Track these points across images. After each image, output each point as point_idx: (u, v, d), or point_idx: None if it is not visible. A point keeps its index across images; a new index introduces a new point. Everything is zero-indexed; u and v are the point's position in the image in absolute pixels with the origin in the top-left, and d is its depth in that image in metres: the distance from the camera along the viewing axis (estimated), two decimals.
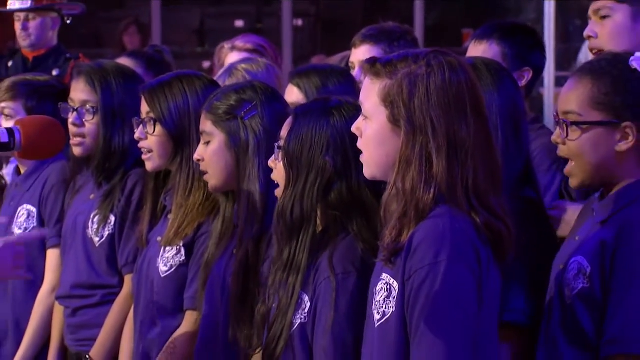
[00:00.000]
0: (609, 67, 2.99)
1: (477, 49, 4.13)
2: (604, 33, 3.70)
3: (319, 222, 3.02)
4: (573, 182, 3.02)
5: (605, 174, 2.98)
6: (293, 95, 3.82)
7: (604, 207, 2.99)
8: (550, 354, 2.97)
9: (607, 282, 2.87)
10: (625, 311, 2.85)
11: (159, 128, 3.76)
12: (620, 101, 2.94)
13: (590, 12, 3.75)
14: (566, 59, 10.54)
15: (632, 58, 2.95)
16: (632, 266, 2.85)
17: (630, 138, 2.93)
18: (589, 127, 2.94)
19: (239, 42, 5.10)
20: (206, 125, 3.51)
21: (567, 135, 2.95)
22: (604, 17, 3.71)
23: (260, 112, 3.46)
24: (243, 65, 4.43)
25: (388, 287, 2.73)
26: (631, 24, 3.69)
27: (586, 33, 3.77)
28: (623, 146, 2.94)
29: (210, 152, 3.50)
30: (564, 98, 3.01)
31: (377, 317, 2.75)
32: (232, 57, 5.00)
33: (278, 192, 3.12)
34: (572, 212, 3.30)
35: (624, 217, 2.91)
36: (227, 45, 5.13)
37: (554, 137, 3.02)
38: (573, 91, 2.99)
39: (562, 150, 3.00)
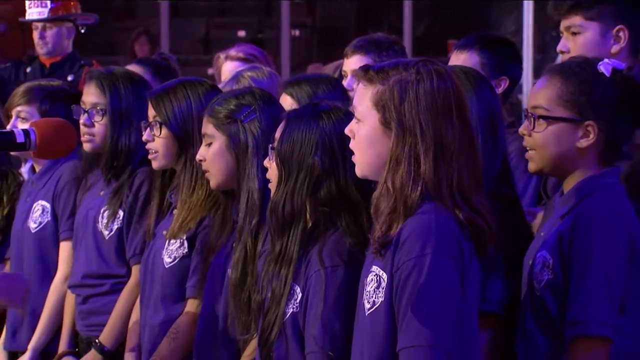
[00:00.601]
0: (578, 68, 3.02)
1: (459, 58, 4.14)
2: (575, 48, 3.70)
3: (309, 217, 3.01)
4: (531, 167, 3.06)
5: (563, 166, 3.01)
6: (286, 103, 3.82)
7: (563, 202, 3.01)
8: (528, 345, 2.98)
9: (567, 270, 2.89)
10: (583, 295, 2.86)
11: (164, 130, 3.76)
12: (584, 100, 2.96)
13: (562, 28, 3.75)
14: (543, 68, 10.49)
15: (600, 62, 2.98)
16: (586, 254, 2.87)
17: (591, 136, 2.96)
18: (554, 122, 2.98)
19: (232, 52, 5.10)
20: (208, 128, 3.51)
21: (534, 127, 2.99)
22: (575, 34, 3.71)
23: (258, 116, 3.45)
24: (249, 73, 4.42)
25: (378, 278, 2.73)
26: (600, 40, 3.68)
27: (559, 48, 3.77)
28: (584, 142, 2.97)
29: (212, 153, 3.49)
30: (534, 94, 3.04)
31: (367, 306, 2.75)
32: (226, 66, 5.01)
33: (272, 189, 3.11)
34: (541, 217, 3.31)
35: (578, 210, 2.93)
36: (222, 55, 5.13)
37: (521, 129, 3.05)
38: (543, 88, 3.02)
39: (527, 141, 3.03)
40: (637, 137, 3.32)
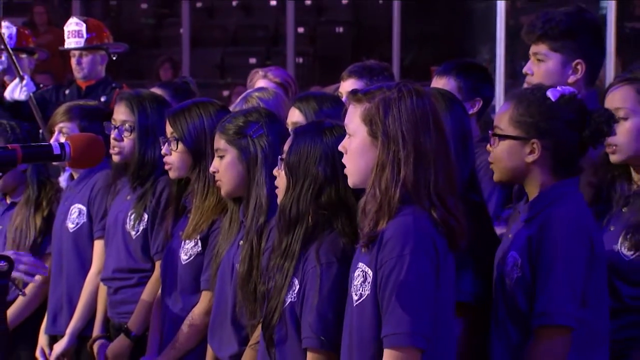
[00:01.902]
0: (530, 94, 3.04)
1: (439, 82, 4.12)
2: (538, 73, 3.69)
3: (310, 219, 2.99)
4: (494, 177, 3.09)
5: (517, 177, 3.03)
6: (295, 115, 3.80)
7: (528, 208, 3.00)
8: (501, 334, 2.97)
9: (534, 269, 2.88)
10: (548, 290, 2.86)
11: (180, 145, 3.75)
12: (530, 122, 2.97)
13: (530, 53, 3.73)
14: None
15: (549, 89, 2.97)
16: (551, 254, 2.87)
17: (537, 152, 2.97)
18: (506, 139, 2.99)
19: (270, 74, 5.03)
20: (220, 143, 3.49)
21: (493, 144, 3.01)
22: (540, 60, 3.69)
23: (265, 131, 3.44)
24: (257, 94, 4.40)
25: (364, 273, 2.73)
26: (561, 70, 3.66)
27: (524, 70, 3.75)
28: (530, 158, 2.98)
29: (225, 164, 3.47)
30: (497, 115, 3.06)
31: (355, 297, 2.76)
32: (260, 83, 4.93)
33: (279, 195, 3.10)
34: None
35: (544, 216, 2.92)
36: (261, 72, 5.04)
37: (488, 147, 3.06)
38: (503, 110, 3.04)
39: (490, 156, 3.04)
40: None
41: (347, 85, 4.41)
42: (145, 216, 4.10)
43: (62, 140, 3.18)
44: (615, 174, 3.25)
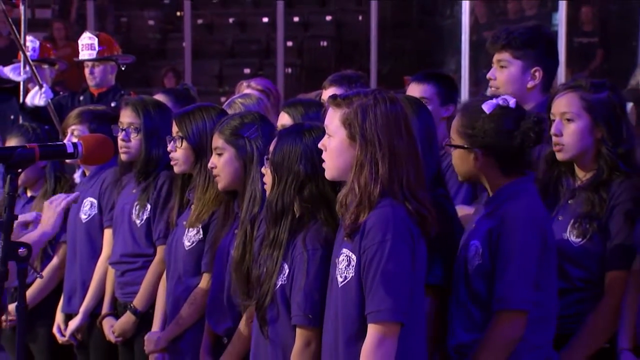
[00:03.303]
0: (470, 106, 3.04)
1: (417, 89, 4.06)
2: (501, 78, 3.69)
3: (296, 211, 2.97)
4: (459, 178, 3.08)
5: (472, 178, 3.03)
6: (284, 119, 3.78)
7: (488, 203, 2.99)
8: (462, 314, 2.96)
9: (494, 257, 2.87)
10: (506, 278, 2.85)
11: (184, 143, 3.72)
12: (470, 133, 2.97)
13: (494, 60, 3.72)
14: None
15: (485, 102, 2.96)
16: (509, 245, 2.86)
17: (479, 159, 2.97)
18: (455, 148, 3.00)
19: (253, 83, 5.03)
20: (218, 142, 3.47)
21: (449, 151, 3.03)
22: (502, 67, 3.69)
23: (260, 132, 3.42)
24: (240, 100, 4.40)
25: (348, 258, 2.72)
26: (521, 76, 3.66)
27: (488, 75, 3.74)
28: (476, 164, 2.98)
29: (223, 161, 3.45)
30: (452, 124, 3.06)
31: (340, 279, 2.75)
32: (246, 92, 4.92)
33: (267, 191, 3.08)
34: (460, 210, 3.33)
35: (502, 211, 2.92)
36: (245, 83, 5.05)
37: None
38: (454, 121, 3.05)
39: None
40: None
41: (328, 93, 4.36)
42: (148, 207, 4.08)
43: (74, 140, 3.15)
44: (562, 170, 3.25)
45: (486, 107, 2.94)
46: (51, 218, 3.11)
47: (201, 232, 3.66)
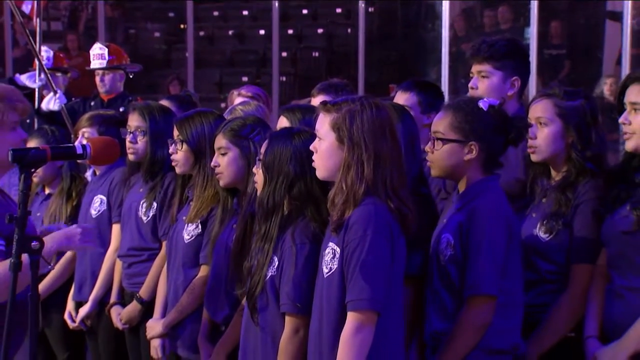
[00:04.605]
0: (465, 104, 3.01)
1: (402, 97, 4.03)
2: (482, 88, 3.67)
3: (285, 208, 2.96)
4: (433, 173, 3.05)
5: (455, 173, 2.99)
6: (283, 123, 3.76)
7: (459, 199, 2.99)
8: (436, 301, 2.96)
9: (465, 248, 2.86)
10: (477, 266, 2.85)
11: (185, 146, 3.71)
12: (468, 127, 2.94)
13: (475, 71, 3.70)
14: None
15: (480, 100, 2.95)
16: (479, 237, 2.86)
17: (474, 152, 2.95)
18: (447, 142, 2.95)
19: (243, 90, 5.04)
20: (222, 142, 3.45)
21: (434, 146, 2.96)
22: (484, 77, 3.67)
23: (262, 135, 3.40)
24: (240, 107, 4.39)
25: (333, 251, 2.72)
26: (501, 85, 3.65)
27: (470, 85, 3.72)
28: (468, 157, 2.96)
29: (227, 160, 3.44)
30: (435, 122, 3.03)
31: (325, 270, 2.74)
32: (237, 99, 4.95)
33: (258, 189, 3.07)
34: None
35: (472, 206, 2.91)
36: (235, 92, 5.07)
37: (427, 148, 3.03)
38: (441, 118, 3.01)
39: (429, 156, 3.01)
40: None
41: (317, 100, 4.37)
42: (155, 205, 4.07)
43: (84, 142, 3.14)
44: (538, 171, 3.25)
45: (482, 105, 2.94)
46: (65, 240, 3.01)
47: (200, 227, 3.64)
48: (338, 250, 2.69)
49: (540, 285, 3.13)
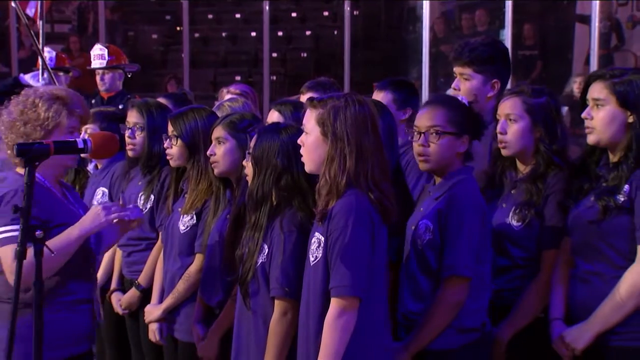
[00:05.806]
0: (455, 101, 3.02)
1: (378, 95, 4.05)
2: (464, 89, 3.65)
3: (274, 199, 2.97)
4: (424, 167, 3.03)
5: (445, 165, 2.99)
6: (274, 117, 3.76)
7: (437, 189, 2.99)
8: (411, 284, 2.96)
9: (443, 233, 2.87)
10: (454, 250, 2.86)
11: (179, 141, 3.70)
12: (463, 121, 2.95)
13: (457, 73, 3.69)
14: None
15: (461, 97, 3.00)
16: (455, 222, 2.86)
17: (466, 144, 2.95)
18: (446, 135, 2.94)
19: (231, 88, 5.04)
20: (221, 133, 3.45)
21: (428, 139, 2.95)
22: (466, 79, 3.66)
23: (257, 128, 3.40)
24: (228, 103, 4.38)
25: (318, 240, 2.71)
26: (482, 87, 3.63)
27: (453, 86, 3.69)
28: (462, 149, 2.96)
29: (223, 150, 3.43)
30: (430, 117, 2.99)
31: (311, 259, 2.74)
32: (226, 97, 4.94)
33: (249, 181, 3.06)
34: None
35: (450, 193, 2.92)
36: (224, 89, 5.06)
37: (418, 144, 3.00)
38: (434, 113, 2.98)
39: (424, 150, 2.99)
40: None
41: (306, 97, 4.36)
42: (152, 197, 4.05)
43: (86, 137, 3.14)
44: (506, 164, 3.26)
45: (464, 101, 2.96)
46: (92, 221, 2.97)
47: (194, 217, 3.64)
48: (323, 239, 2.68)
49: (512, 270, 3.14)
